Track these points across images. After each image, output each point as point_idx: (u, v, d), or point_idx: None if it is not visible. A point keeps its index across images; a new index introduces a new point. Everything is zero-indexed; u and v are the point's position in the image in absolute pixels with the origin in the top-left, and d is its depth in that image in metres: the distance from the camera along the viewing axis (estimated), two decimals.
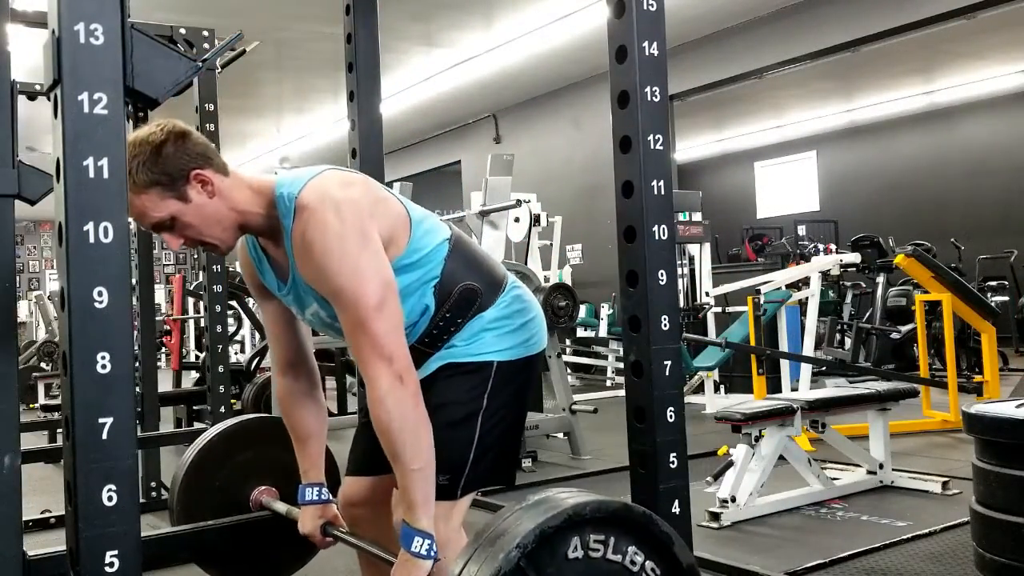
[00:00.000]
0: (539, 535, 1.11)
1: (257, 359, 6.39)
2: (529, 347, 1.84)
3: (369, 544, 1.84)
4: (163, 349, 9.53)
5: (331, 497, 2.02)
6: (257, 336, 9.90)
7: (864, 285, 9.24)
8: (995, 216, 11.88)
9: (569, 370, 8.79)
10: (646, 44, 1.61)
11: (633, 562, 1.19)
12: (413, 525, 1.60)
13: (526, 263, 7.08)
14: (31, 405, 7.87)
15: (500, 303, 1.82)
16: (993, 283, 9.97)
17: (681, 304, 7.06)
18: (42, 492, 4.37)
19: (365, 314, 1.58)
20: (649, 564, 1.21)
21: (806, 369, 5.86)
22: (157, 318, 5.69)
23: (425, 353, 1.80)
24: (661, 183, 1.62)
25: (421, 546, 1.58)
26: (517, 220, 6.41)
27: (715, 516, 3.59)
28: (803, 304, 6.45)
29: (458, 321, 1.78)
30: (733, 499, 3.62)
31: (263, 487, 2.33)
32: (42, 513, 4.09)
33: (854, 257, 6.60)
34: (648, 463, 1.60)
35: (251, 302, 8.31)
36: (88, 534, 1.20)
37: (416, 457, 1.58)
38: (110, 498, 1.21)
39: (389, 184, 2.27)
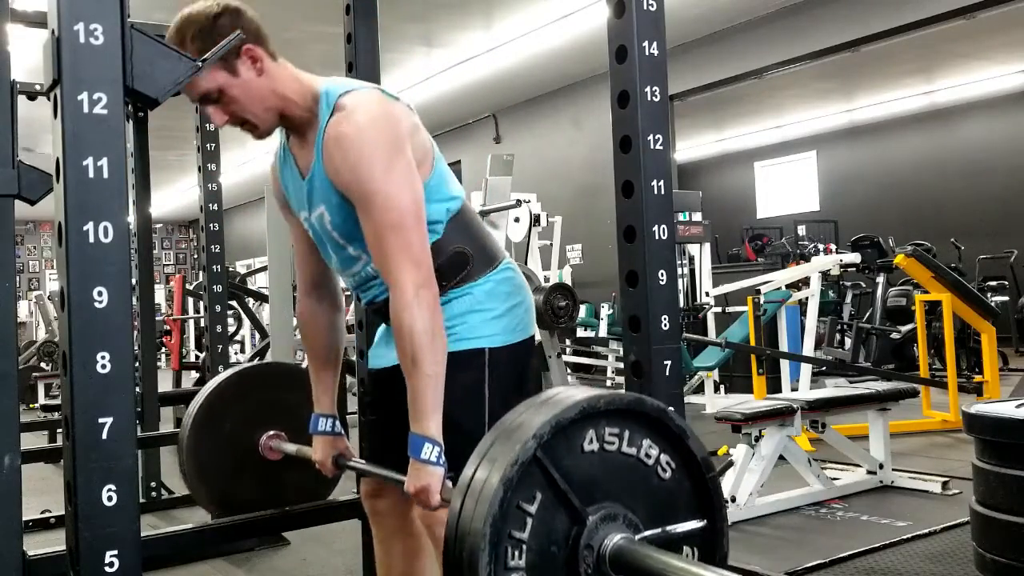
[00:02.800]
0: (555, 426, 1.11)
1: (257, 359, 6.39)
2: (517, 333, 1.83)
3: (379, 469, 1.85)
4: (163, 349, 9.53)
5: (342, 430, 2.05)
6: (257, 336, 9.90)
7: (864, 285, 9.24)
8: (995, 216, 11.88)
9: (569, 370, 8.78)
10: (646, 44, 1.61)
11: (648, 455, 1.20)
12: (423, 433, 1.60)
13: (526, 263, 7.07)
14: (31, 405, 7.87)
15: (489, 278, 1.81)
16: (993, 283, 9.96)
17: (681, 304, 7.06)
18: (42, 492, 4.37)
19: (400, 219, 1.61)
20: (664, 457, 1.21)
21: (806, 369, 5.86)
22: (157, 318, 5.70)
23: None
24: (661, 183, 1.62)
25: (431, 453, 1.58)
26: (517, 220, 6.40)
27: None
28: (803, 304, 6.45)
29: (443, 283, 1.75)
30: (733, 499, 3.62)
31: (272, 431, 2.34)
32: (42, 513, 4.09)
33: (854, 257, 6.60)
34: None
35: (251, 302, 8.31)
36: (88, 534, 1.20)
37: (433, 362, 1.60)
38: (110, 498, 1.21)
39: None
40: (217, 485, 2.37)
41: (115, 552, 1.21)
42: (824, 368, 6.50)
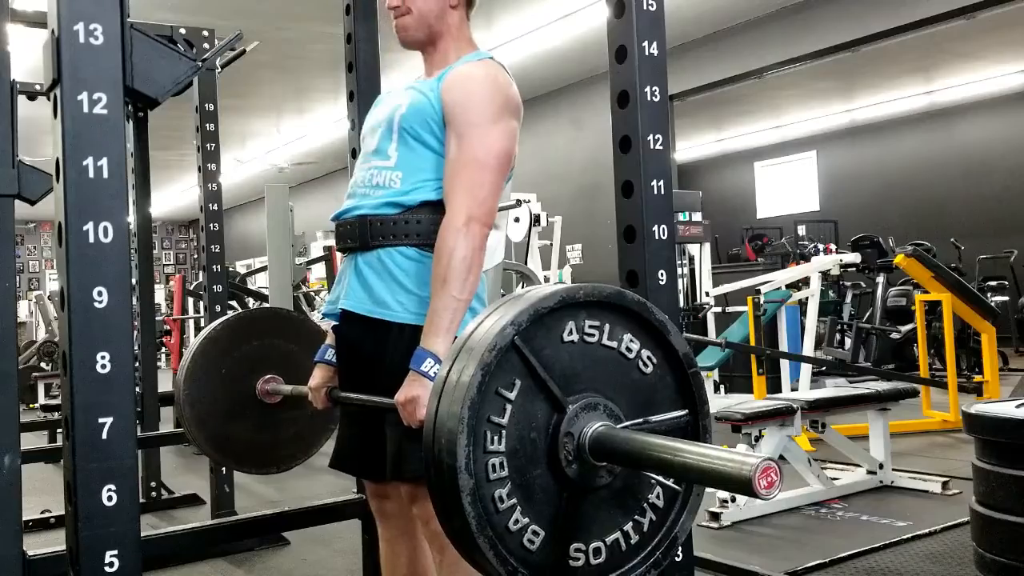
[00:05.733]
0: (533, 315, 1.10)
1: None
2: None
3: (371, 398, 1.80)
4: (163, 349, 9.53)
5: None
6: None
7: (864, 285, 9.24)
8: (995, 216, 11.88)
9: None
10: (646, 44, 1.61)
11: (629, 349, 1.19)
12: (429, 347, 1.62)
13: (526, 263, 7.07)
14: (31, 405, 7.87)
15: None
16: (993, 283, 9.97)
17: (681, 304, 7.06)
18: (42, 492, 4.38)
19: (485, 158, 1.69)
20: (645, 352, 1.20)
21: (806, 369, 5.86)
22: (157, 318, 5.70)
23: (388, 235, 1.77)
24: (661, 183, 1.62)
25: (432, 367, 1.60)
26: (517, 220, 6.41)
27: (715, 516, 3.59)
28: (803, 304, 6.45)
29: (425, 245, 1.75)
30: (733, 499, 3.62)
31: (268, 376, 2.35)
32: (42, 513, 4.09)
33: (854, 257, 6.60)
34: None
35: (251, 302, 8.31)
36: (88, 534, 1.20)
37: (462, 289, 1.64)
38: (110, 498, 1.21)
39: None
40: (214, 429, 2.36)
41: (115, 552, 1.21)
42: (824, 368, 6.49)
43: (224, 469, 3.70)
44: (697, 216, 8.15)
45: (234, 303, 7.84)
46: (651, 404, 1.20)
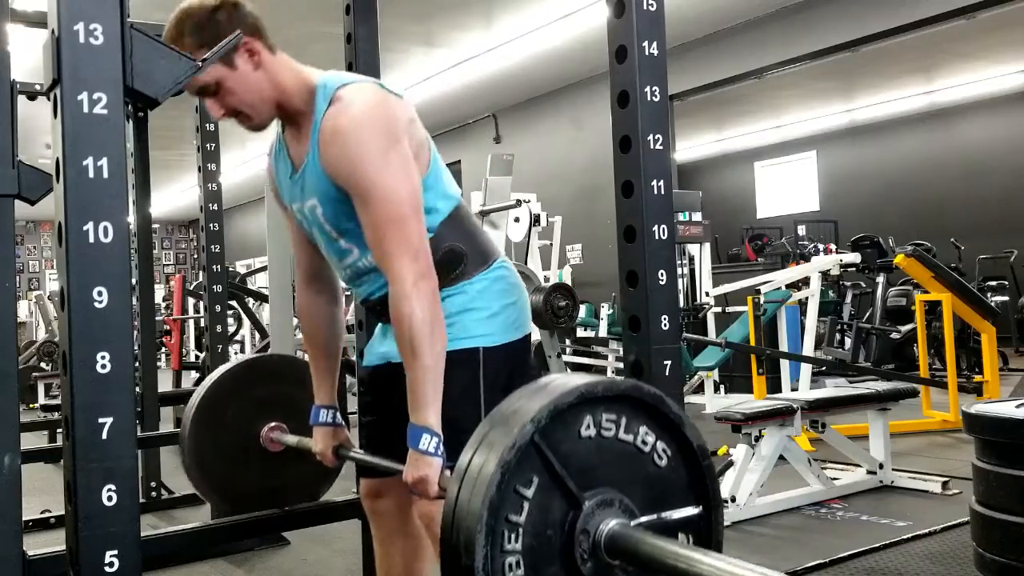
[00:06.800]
0: (552, 411, 1.10)
1: None
2: (512, 331, 1.84)
3: (379, 459, 1.85)
4: (163, 349, 9.53)
5: (342, 421, 2.06)
6: (257, 336, 9.90)
7: (864, 285, 9.24)
8: (995, 216, 11.88)
9: (569, 370, 8.79)
10: (646, 44, 1.60)
11: (645, 441, 1.20)
12: (421, 423, 1.61)
13: (526, 263, 7.07)
14: (31, 405, 7.87)
15: (484, 277, 1.82)
16: (993, 283, 9.97)
17: (681, 304, 7.06)
18: (42, 492, 4.38)
19: (398, 211, 1.61)
20: (661, 444, 1.21)
21: (806, 369, 5.86)
22: (157, 318, 5.70)
23: None
24: (661, 183, 1.62)
25: (429, 444, 1.59)
26: (517, 220, 6.41)
27: None
28: (803, 304, 6.45)
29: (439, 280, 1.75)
30: (733, 499, 3.62)
31: (273, 423, 2.35)
32: (42, 513, 4.09)
33: (854, 257, 6.61)
34: None
35: (251, 302, 8.31)
36: (88, 534, 1.20)
37: (432, 353, 1.61)
38: (110, 498, 1.21)
39: None
40: (218, 476, 2.37)
41: (115, 552, 1.21)
42: (824, 368, 6.49)
43: None
44: (697, 216, 8.16)
45: (234, 303, 7.85)
46: (665, 498, 1.21)
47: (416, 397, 1.62)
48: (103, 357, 1.22)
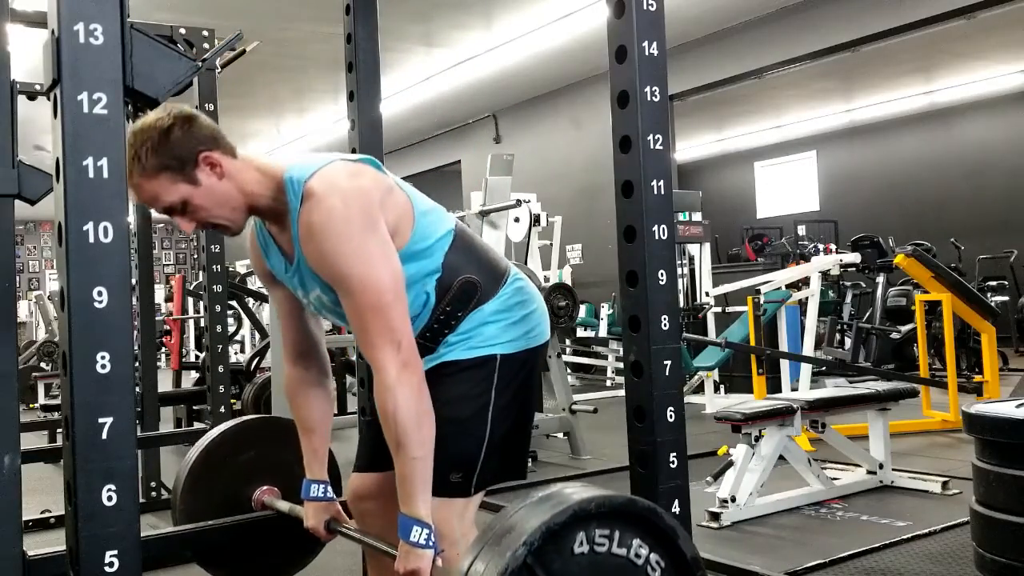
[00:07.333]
0: (545, 532, 1.12)
1: (257, 359, 6.39)
2: (531, 339, 1.84)
3: (373, 539, 1.85)
4: (163, 349, 9.53)
5: (334, 495, 2.03)
6: (257, 336, 9.90)
7: (864, 285, 9.24)
8: (995, 216, 11.88)
9: (569, 370, 8.79)
10: (646, 44, 1.60)
11: (638, 555, 1.20)
12: (411, 514, 1.61)
13: (526, 263, 7.07)
14: (31, 405, 7.87)
15: (501, 295, 1.82)
16: (993, 283, 9.97)
17: (681, 304, 7.06)
18: (42, 492, 4.37)
19: (376, 299, 1.59)
20: (654, 556, 1.22)
21: (806, 369, 5.86)
22: (157, 318, 5.70)
23: (427, 348, 1.79)
24: (661, 183, 1.62)
25: (420, 535, 1.59)
26: (517, 220, 6.40)
27: (715, 516, 3.59)
28: (803, 304, 6.45)
29: (458, 315, 1.77)
30: (733, 499, 3.62)
31: (265, 487, 2.34)
32: (42, 513, 4.09)
33: (854, 257, 6.61)
34: (648, 463, 1.60)
35: (251, 302, 8.31)
36: (88, 534, 1.20)
37: (419, 445, 1.59)
38: (110, 498, 1.21)
39: None
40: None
41: (115, 552, 1.21)
42: (824, 368, 6.49)
43: None
44: (697, 216, 8.17)
45: (234, 303, 7.85)
46: None
47: (405, 489, 1.61)
48: (103, 357, 1.22)
